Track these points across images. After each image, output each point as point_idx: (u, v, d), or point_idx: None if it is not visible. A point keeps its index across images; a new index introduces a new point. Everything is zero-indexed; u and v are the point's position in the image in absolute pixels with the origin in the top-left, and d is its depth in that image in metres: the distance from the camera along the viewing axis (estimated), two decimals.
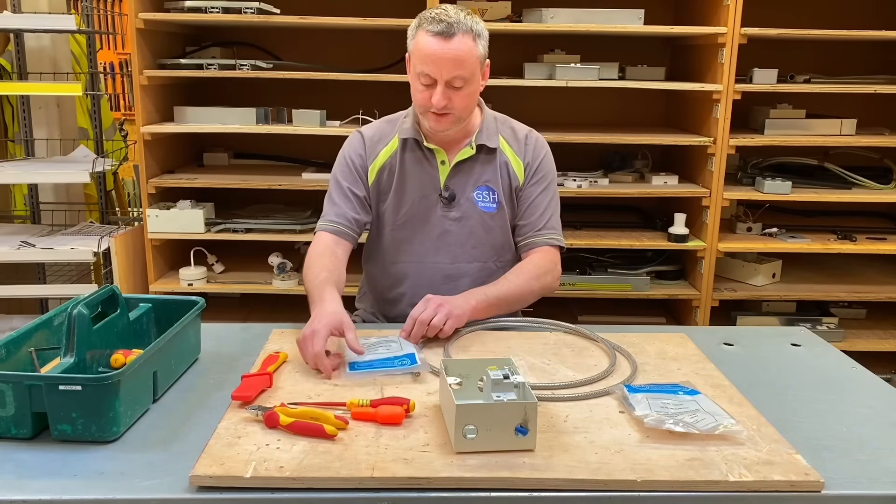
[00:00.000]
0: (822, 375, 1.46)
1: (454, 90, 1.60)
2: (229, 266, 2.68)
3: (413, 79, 1.64)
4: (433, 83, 1.60)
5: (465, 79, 1.60)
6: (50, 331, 1.31)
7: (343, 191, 1.76)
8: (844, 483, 1.06)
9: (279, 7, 2.52)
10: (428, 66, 1.58)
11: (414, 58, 1.62)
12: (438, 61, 1.57)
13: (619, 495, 1.04)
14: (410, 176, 1.75)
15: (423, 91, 1.62)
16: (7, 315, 2.88)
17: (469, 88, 1.62)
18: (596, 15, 2.47)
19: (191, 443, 1.13)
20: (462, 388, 1.20)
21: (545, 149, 1.80)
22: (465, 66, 1.58)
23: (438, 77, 1.58)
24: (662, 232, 2.66)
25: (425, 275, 1.78)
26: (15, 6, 2.80)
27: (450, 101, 1.61)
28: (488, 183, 1.75)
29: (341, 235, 1.73)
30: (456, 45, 1.56)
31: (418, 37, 1.60)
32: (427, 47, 1.57)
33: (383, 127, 1.80)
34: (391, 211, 1.77)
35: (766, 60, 2.57)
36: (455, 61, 1.57)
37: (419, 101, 1.64)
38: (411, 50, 1.63)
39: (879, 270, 2.88)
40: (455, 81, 1.59)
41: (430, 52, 1.57)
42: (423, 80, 1.60)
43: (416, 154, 1.74)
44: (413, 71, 1.63)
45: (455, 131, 1.70)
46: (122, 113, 4.74)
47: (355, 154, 1.77)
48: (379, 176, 1.76)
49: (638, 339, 1.56)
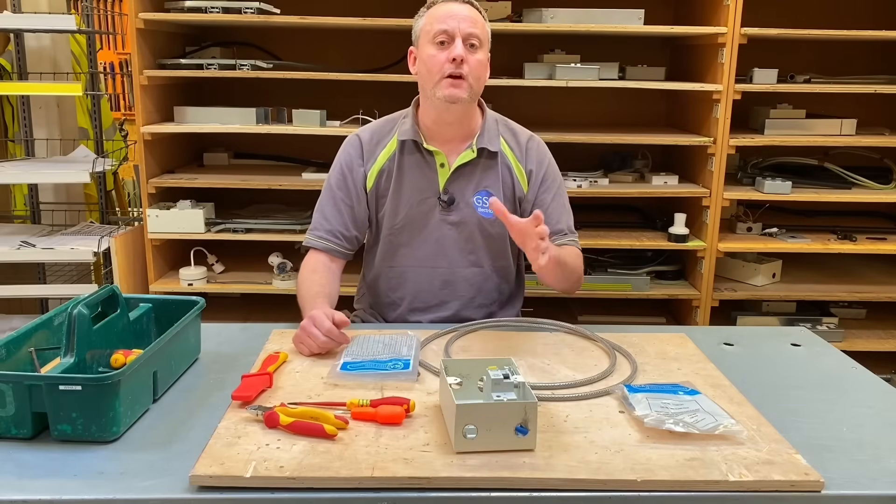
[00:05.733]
0: (822, 375, 1.46)
1: (469, 51, 1.62)
2: (229, 266, 2.68)
3: (426, 50, 1.64)
4: (450, 41, 1.61)
5: (480, 40, 1.63)
6: (50, 331, 1.31)
7: (336, 203, 1.75)
8: (844, 483, 1.06)
9: (279, 7, 2.52)
10: (446, 22, 1.61)
11: (427, 27, 1.64)
12: (456, 17, 1.62)
13: (619, 495, 1.04)
14: (409, 179, 1.73)
15: (438, 54, 1.61)
16: (7, 315, 2.88)
17: (481, 54, 1.65)
18: (596, 15, 2.47)
19: (191, 443, 1.13)
20: (462, 388, 1.20)
21: (548, 154, 1.81)
22: (479, 27, 1.63)
23: (456, 31, 1.60)
24: (662, 232, 2.66)
25: (423, 280, 1.77)
26: (15, 6, 2.80)
27: (466, 62, 1.61)
28: (488, 188, 1.74)
29: (333, 254, 1.73)
30: (470, 9, 1.65)
31: (431, 11, 1.66)
32: (443, 9, 1.64)
33: (381, 127, 1.79)
34: (389, 214, 1.75)
35: (766, 60, 2.57)
36: (471, 19, 1.63)
37: (434, 67, 1.62)
38: (422, 26, 1.66)
39: (879, 270, 2.88)
40: (471, 39, 1.61)
41: (446, 10, 1.63)
42: (439, 39, 1.61)
43: (415, 156, 1.73)
44: (426, 41, 1.63)
45: (463, 114, 1.68)
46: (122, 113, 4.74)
47: (354, 163, 1.75)
48: (378, 180, 1.75)
49: (638, 339, 1.56)
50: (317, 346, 1.44)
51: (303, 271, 1.71)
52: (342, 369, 1.36)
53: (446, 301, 1.78)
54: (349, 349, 1.45)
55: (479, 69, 1.64)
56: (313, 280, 1.67)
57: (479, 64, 1.64)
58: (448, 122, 1.69)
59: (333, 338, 1.44)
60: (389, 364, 1.37)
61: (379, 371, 1.35)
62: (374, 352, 1.43)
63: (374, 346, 1.46)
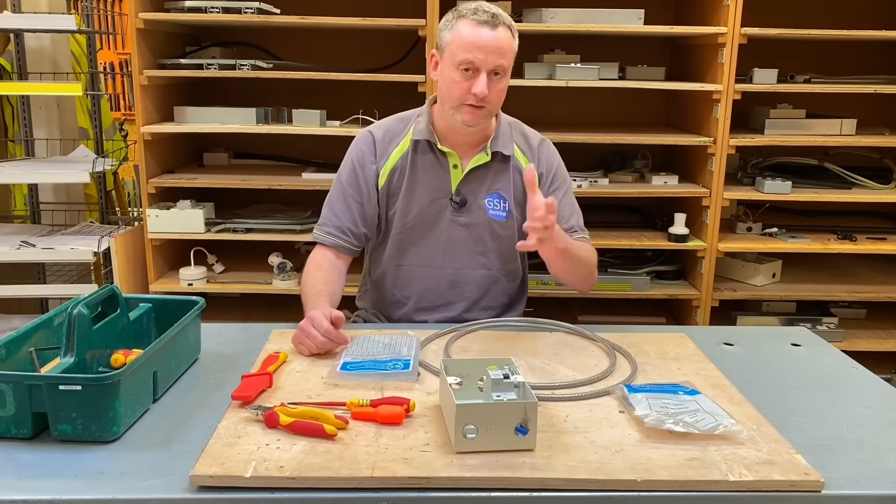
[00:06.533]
0: (822, 375, 1.46)
1: (493, 80, 1.59)
2: (229, 266, 2.68)
3: (449, 70, 1.60)
4: (475, 72, 1.58)
5: (505, 69, 1.60)
6: (50, 331, 1.31)
7: (346, 199, 1.74)
8: (844, 483, 1.06)
9: (279, 7, 2.52)
10: (473, 52, 1.56)
11: (453, 47, 1.59)
12: (485, 48, 1.56)
13: (619, 495, 1.04)
14: (421, 179, 1.73)
15: (462, 82, 1.59)
16: (7, 315, 2.88)
17: (504, 82, 1.63)
18: (596, 15, 2.47)
19: (191, 443, 1.13)
20: (462, 387, 1.20)
21: (557, 156, 1.81)
22: (507, 56, 1.60)
23: (483, 65, 1.57)
24: (662, 232, 2.66)
25: (430, 279, 1.77)
26: (15, 6, 2.80)
27: (488, 94, 1.59)
28: (500, 191, 1.74)
29: (340, 250, 1.73)
30: (500, 34, 1.58)
31: (458, 26, 1.59)
32: (472, 35, 1.57)
33: (395, 125, 1.78)
34: (400, 213, 1.75)
35: (766, 60, 2.57)
36: (499, 50, 1.58)
37: (456, 94, 1.60)
38: (448, 41, 1.61)
39: (879, 270, 2.88)
40: (498, 69, 1.58)
41: (475, 39, 1.56)
42: (463, 68, 1.58)
43: (429, 157, 1.73)
44: (450, 62, 1.60)
45: (478, 129, 1.68)
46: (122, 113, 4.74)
47: (366, 160, 1.75)
48: (390, 178, 1.74)
49: (638, 339, 1.56)
50: (315, 347, 1.44)
51: (308, 266, 1.71)
52: (342, 369, 1.36)
53: (452, 301, 1.78)
54: (349, 349, 1.45)
55: (500, 95, 1.64)
56: (318, 277, 1.67)
57: (500, 92, 1.63)
58: (463, 133, 1.69)
59: (332, 338, 1.44)
60: (389, 364, 1.37)
61: (379, 371, 1.35)
62: (374, 352, 1.43)
63: (374, 346, 1.46)
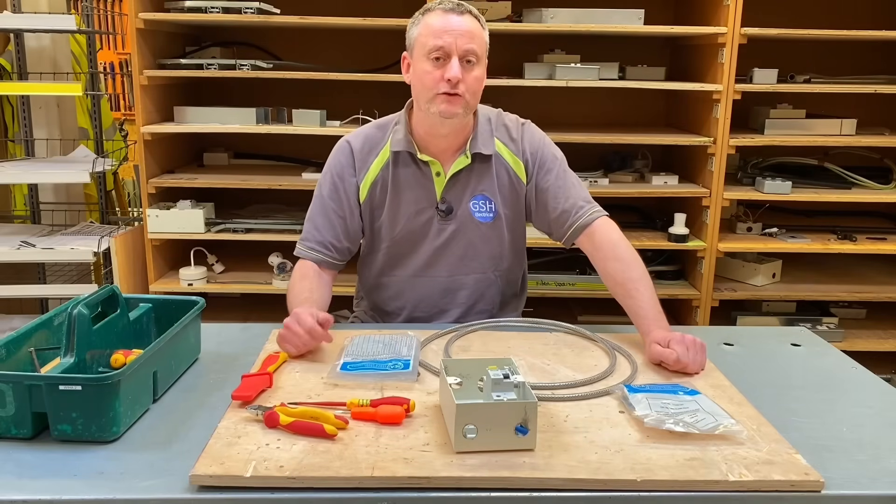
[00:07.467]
0: (822, 375, 1.46)
1: (466, 67, 1.57)
2: (229, 266, 2.68)
3: (421, 63, 1.59)
4: (446, 58, 1.56)
5: (477, 56, 1.58)
6: (50, 331, 1.30)
7: (327, 214, 1.72)
8: (844, 483, 1.06)
9: (279, 7, 2.52)
10: (442, 37, 1.55)
11: (422, 38, 1.58)
12: (453, 32, 1.56)
13: (619, 495, 1.04)
14: (405, 191, 1.70)
15: (434, 71, 1.57)
16: (7, 315, 2.88)
17: (478, 70, 1.60)
18: (596, 15, 2.47)
19: (191, 443, 1.13)
20: (462, 387, 1.20)
21: (542, 137, 1.75)
22: (477, 41, 1.58)
23: (453, 48, 1.55)
24: (662, 232, 2.66)
25: (423, 289, 1.75)
26: (15, 6, 2.80)
27: (462, 81, 1.57)
28: (484, 192, 1.71)
29: (323, 265, 1.71)
30: (468, 21, 1.58)
31: (426, 18, 1.60)
32: (439, 21, 1.57)
33: (373, 134, 1.74)
34: (387, 227, 1.73)
35: (766, 60, 2.57)
36: (468, 34, 1.57)
37: (429, 84, 1.58)
38: (417, 34, 1.60)
39: (879, 270, 2.88)
40: (468, 55, 1.57)
41: (443, 25, 1.56)
42: (434, 56, 1.56)
43: (410, 168, 1.69)
44: (421, 54, 1.59)
45: (457, 128, 1.65)
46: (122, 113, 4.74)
47: (345, 172, 1.71)
48: (371, 191, 1.71)
49: (638, 339, 1.56)
50: (301, 344, 1.42)
51: (293, 277, 1.70)
52: (342, 369, 1.36)
53: (447, 309, 1.76)
54: (349, 349, 1.45)
55: (476, 85, 1.60)
56: (303, 286, 1.65)
57: (475, 80, 1.60)
58: (443, 133, 1.66)
59: (316, 336, 1.42)
60: (389, 364, 1.37)
61: (379, 371, 1.35)
62: (374, 352, 1.43)
63: (373, 346, 1.46)
